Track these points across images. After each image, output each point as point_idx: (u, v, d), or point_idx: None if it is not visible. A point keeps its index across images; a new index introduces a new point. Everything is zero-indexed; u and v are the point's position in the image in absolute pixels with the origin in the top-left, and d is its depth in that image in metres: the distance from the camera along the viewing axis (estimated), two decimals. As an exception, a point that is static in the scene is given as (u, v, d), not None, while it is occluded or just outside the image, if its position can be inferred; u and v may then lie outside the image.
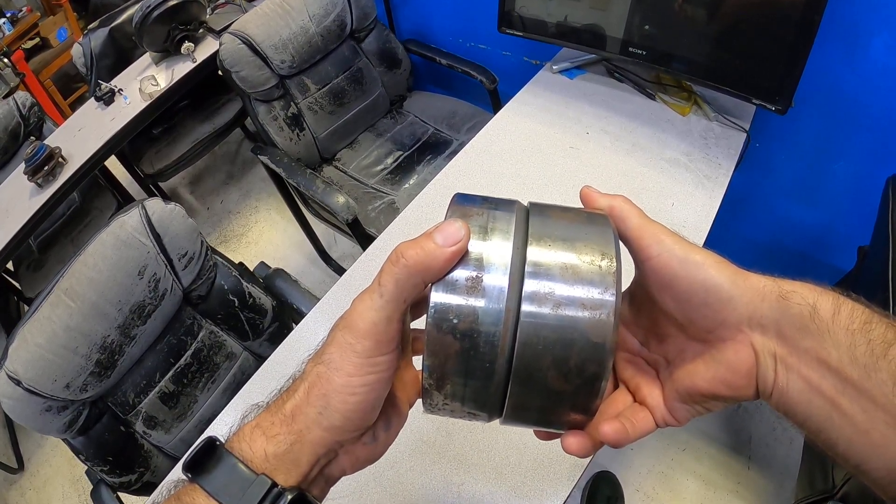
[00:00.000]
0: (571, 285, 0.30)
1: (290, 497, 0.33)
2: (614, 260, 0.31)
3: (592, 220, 0.34)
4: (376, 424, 0.38)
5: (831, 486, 1.08)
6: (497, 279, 0.30)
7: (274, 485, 0.33)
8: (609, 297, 0.30)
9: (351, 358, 0.33)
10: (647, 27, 1.23)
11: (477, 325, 0.30)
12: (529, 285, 0.30)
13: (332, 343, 0.34)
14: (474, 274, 0.30)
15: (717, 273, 0.33)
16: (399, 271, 0.31)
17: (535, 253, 0.31)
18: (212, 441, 0.35)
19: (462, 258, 0.31)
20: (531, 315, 0.30)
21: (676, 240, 0.34)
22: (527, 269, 0.31)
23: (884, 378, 0.29)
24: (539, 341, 0.30)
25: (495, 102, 1.85)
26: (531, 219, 0.33)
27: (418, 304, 0.42)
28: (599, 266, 0.30)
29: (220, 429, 0.97)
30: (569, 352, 0.30)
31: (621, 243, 0.35)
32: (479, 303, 0.30)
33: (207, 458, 0.34)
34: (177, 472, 1.03)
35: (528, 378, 0.31)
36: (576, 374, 0.30)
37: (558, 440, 0.36)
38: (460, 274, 0.31)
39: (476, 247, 0.31)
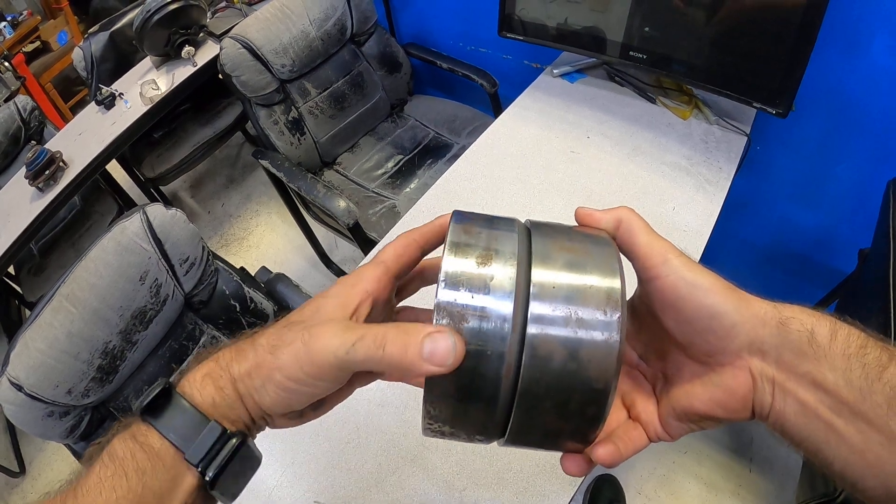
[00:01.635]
0: (576, 326, 0.30)
1: (235, 441, 0.35)
2: (619, 305, 0.30)
3: (595, 244, 0.34)
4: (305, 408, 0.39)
5: (832, 490, 1.08)
6: (500, 317, 0.30)
7: (224, 430, 0.35)
8: (613, 342, 0.30)
9: (295, 371, 0.33)
10: (647, 29, 1.23)
11: (479, 357, 0.30)
12: (532, 328, 0.30)
13: (290, 345, 0.34)
14: (478, 305, 0.30)
15: (723, 300, 0.33)
16: (374, 356, 0.31)
17: (539, 284, 0.31)
18: (167, 387, 0.36)
19: (465, 283, 0.31)
20: (534, 356, 0.30)
21: (684, 261, 0.34)
22: (530, 311, 0.30)
23: (879, 400, 0.30)
24: (541, 387, 0.30)
25: (496, 106, 1.85)
26: (533, 247, 0.33)
27: (404, 287, 0.44)
28: (605, 311, 0.30)
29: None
30: (570, 396, 0.30)
31: (627, 255, 0.36)
32: (481, 333, 0.30)
33: (162, 402, 0.35)
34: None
35: (528, 416, 0.31)
36: (576, 415, 0.31)
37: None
38: (464, 301, 0.30)
39: (479, 271, 0.31)
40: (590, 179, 1.25)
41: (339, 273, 2.25)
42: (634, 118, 1.36)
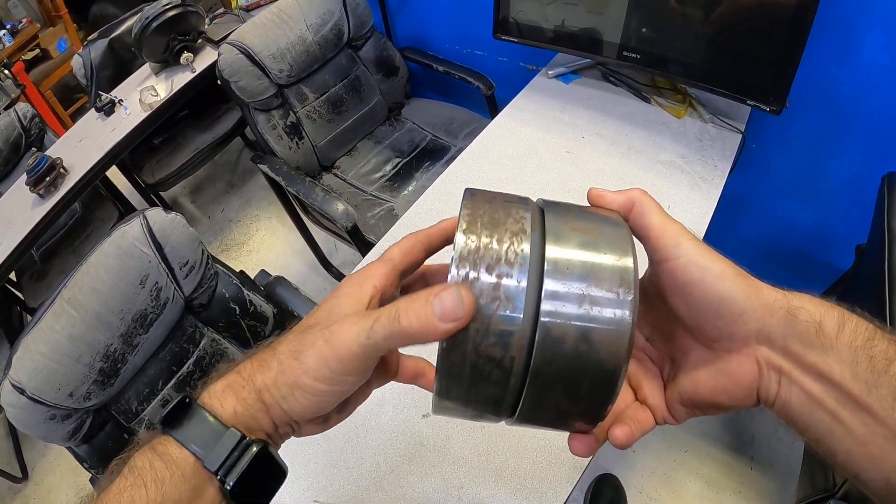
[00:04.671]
0: (589, 306, 0.30)
1: (256, 449, 0.35)
2: (633, 286, 0.30)
3: (608, 224, 0.33)
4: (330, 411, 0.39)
5: (832, 485, 1.08)
6: (513, 293, 0.30)
7: (243, 436, 0.35)
8: (626, 324, 0.30)
9: (322, 371, 0.33)
10: (643, 30, 1.24)
11: (491, 333, 0.30)
12: (545, 304, 0.30)
13: (313, 346, 0.34)
14: (492, 280, 0.30)
15: (734, 287, 0.33)
16: (393, 328, 0.31)
17: (553, 261, 0.30)
18: (186, 398, 0.36)
19: (479, 258, 0.30)
20: (547, 337, 0.30)
21: (696, 244, 0.34)
22: (544, 289, 0.30)
23: (884, 393, 0.30)
24: (553, 368, 0.30)
25: (492, 108, 1.86)
26: (547, 224, 0.32)
27: (406, 289, 0.43)
28: (618, 292, 0.30)
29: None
30: (581, 378, 0.30)
31: (639, 237, 0.35)
32: (494, 308, 0.30)
33: (181, 414, 0.35)
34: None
35: (539, 396, 0.31)
36: (587, 396, 0.31)
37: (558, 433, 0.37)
38: (477, 275, 0.30)
39: (493, 246, 0.30)
40: (585, 179, 1.26)
41: (339, 276, 2.25)
42: (629, 117, 1.36)
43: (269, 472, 0.36)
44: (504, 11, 1.43)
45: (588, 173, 1.27)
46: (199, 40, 2.03)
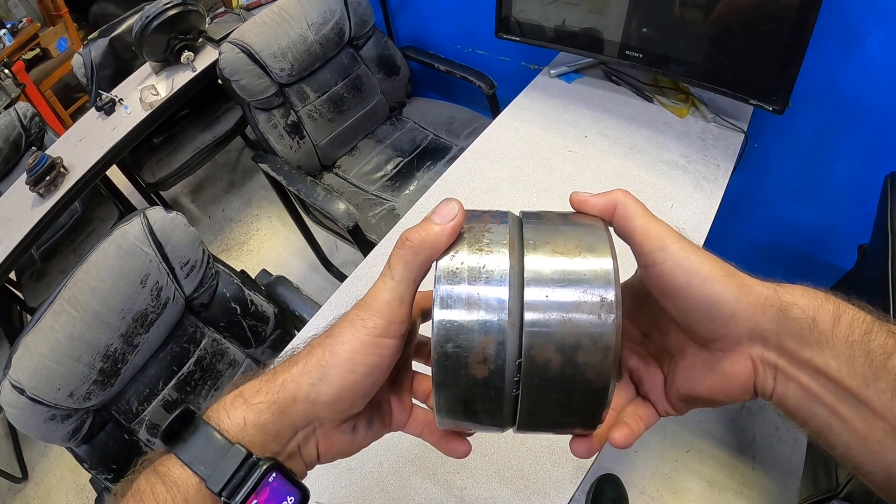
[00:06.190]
0: (572, 314, 0.30)
1: (265, 467, 0.33)
2: (614, 303, 0.30)
3: (587, 232, 0.33)
4: (359, 417, 0.38)
5: (835, 486, 1.08)
6: (496, 305, 0.30)
7: (249, 454, 0.33)
8: (609, 332, 0.30)
9: (360, 334, 0.33)
10: (644, 29, 1.24)
11: (480, 348, 0.30)
12: (528, 314, 0.30)
13: (344, 319, 0.35)
14: (475, 293, 0.31)
15: (722, 289, 0.32)
16: (406, 253, 0.33)
17: (533, 272, 0.31)
18: (188, 411, 0.35)
19: (462, 276, 0.31)
20: (533, 357, 0.30)
21: (683, 246, 0.33)
22: (525, 300, 0.30)
23: (883, 388, 0.30)
24: (542, 385, 0.31)
25: (494, 107, 1.85)
26: (525, 236, 0.33)
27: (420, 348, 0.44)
28: (599, 312, 0.30)
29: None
30: (572, 390, 0.31)
31: (625, 240, 0.35)
32: (480, 324, 0.30)
33: (184, 428, 0.34)
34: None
35: (533, 410, 0.32)
36: (579, 411, 0.32)
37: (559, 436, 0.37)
38: (460, 291, 0.31)
39: (474, 262, 0.31)
40: (587, 178, 1.25)
41: (340, 276, 2.25)
42: (632, 117, 1.36)
43: (280, 491, 0.34)
44: (505, 11, 1.42)
45: (590, 173, 1.26)
46: (200, 39, 2.02)
